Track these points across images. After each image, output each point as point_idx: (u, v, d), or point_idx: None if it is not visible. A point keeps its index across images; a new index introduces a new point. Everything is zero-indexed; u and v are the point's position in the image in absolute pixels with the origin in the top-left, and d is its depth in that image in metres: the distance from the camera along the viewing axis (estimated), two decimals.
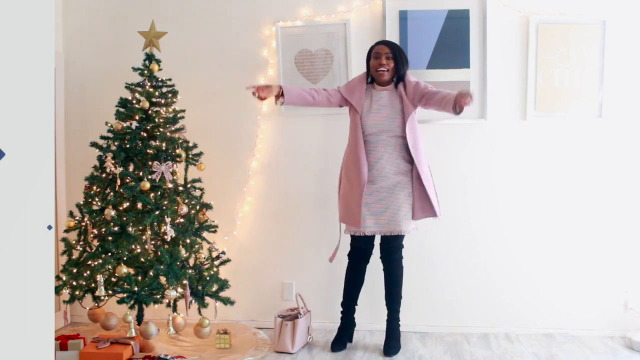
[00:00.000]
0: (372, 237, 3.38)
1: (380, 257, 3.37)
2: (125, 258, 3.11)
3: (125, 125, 3.25)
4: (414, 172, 3.25)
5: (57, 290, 3.13)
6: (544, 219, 3.64)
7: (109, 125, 3.29)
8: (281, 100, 3.24)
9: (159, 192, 3.21)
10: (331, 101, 3.34)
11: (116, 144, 3.23)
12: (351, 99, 3.30)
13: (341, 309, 3.47)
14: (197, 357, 3.24)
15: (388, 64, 3.26)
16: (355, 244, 3.39)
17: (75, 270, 3.16)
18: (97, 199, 3.23)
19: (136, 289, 3.02)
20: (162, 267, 3.06)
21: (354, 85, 3.36)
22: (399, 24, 3.63)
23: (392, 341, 3.35)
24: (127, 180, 3.15)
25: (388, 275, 3.36)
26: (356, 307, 3.47)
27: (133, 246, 3.13)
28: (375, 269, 3.43)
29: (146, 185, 3.13)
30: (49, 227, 2.10)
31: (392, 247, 3.33)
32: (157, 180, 3.18)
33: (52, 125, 2.17)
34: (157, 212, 3.13)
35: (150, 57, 3.35)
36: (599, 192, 3.61)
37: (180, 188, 3.33)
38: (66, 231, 3.27)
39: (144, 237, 3.19)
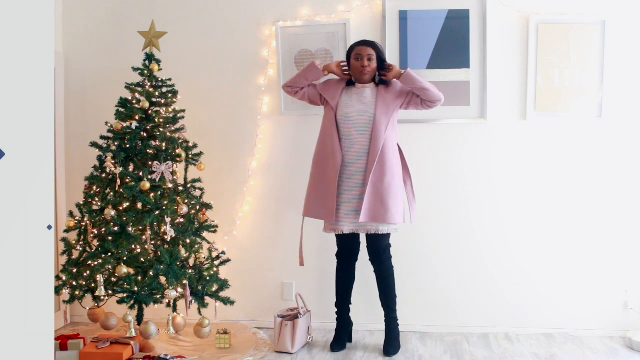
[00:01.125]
0: (358, 236, 3.38)
1: (369, 259, 3.37)
2: (125, 258, 3.11)
3: (125, 125, 3.25)
4: (372, 170, 3.19)
5: (57, 290, 3.13)
6: (544, 219, 3.64)
7: (109, 125, 3.29)
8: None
9: (159, 192, 3.21)
10: (304, 97, 3.37)
11: (116, 144, 3.23)
12: (325, 93, 3.32)
13: (335, 310, 3.47)
14: (197, 357, 3.24)
15: (370, 65, 3.25)
16: (341, 244, 3.40)
17: (75, 270, 3.16)
18: (97, 199, 3.23)
19: (136, 289, 3.02)
20: (162, 267, 3.06)
21: (331, 83, 3.37)
22: (399, 24, 3.64)
23: (392, 341, 3.35)
24: (127, 180, 3.15)
25: (379, 276, 3.35)
26: (350, 306, 3.47)
27: (133, 246, 3.13)
28: (371, 268, 3.42)
29: (146, 185, 3.13)
30: (49, 227, 2.10)
31: (379, 248, 3.31)
32: (157, 180, 3.18)
33: (52, 125, 2.17)
34: (157, 212, 3.13)
35: (150, 57, 3.35)
36: (598, 192, 3.61)
37: (180, 188, 3.34)
38: (66, 231, 3.27)
39: (144, 237, 3.19)
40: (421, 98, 3.25)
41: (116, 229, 3.10)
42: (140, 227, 3.16)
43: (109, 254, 3.08)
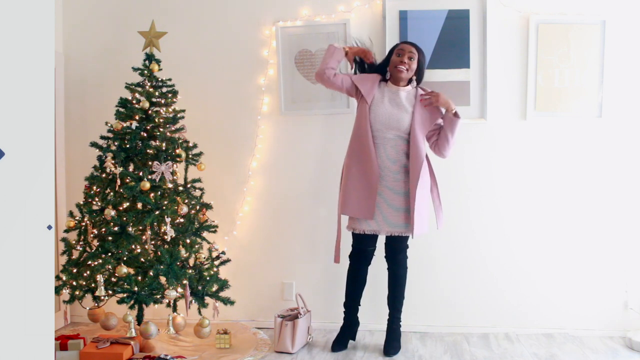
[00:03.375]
0: (375, 239, 3.36)
1: (385, 257, 3.37)
2: (125, 258, 3.11)
3: (125, 125, 3.25)
4: (416, 183, 3.16)
5: (57, 290, 3.13)
6: (544, 219, 3.64)
7: (109, 125, 3.29)
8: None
9: (159, 192, 3.21)
10: (342, 85, 3.28)
11: (116, 144, 3.23)
12: (361, 86, 3.23)
13: (343, 310, 3.46)
14: (197, 357, 3.24)
15: (409, 63, 3.20)
16: (357, 245, 3.37)
17: (75, 270, 3.16)
18: (97, 199, 3.23)
19: (136, 289, 3.02)
20: (162, 267, 3.06)
21: (367, 77, 3.31)
22: (399, 24, 3.63)
23: (393, 341, 3.35)
24: (127, 180, 3.15)
25: (392, 275, 3.36)
26: (359, 307, 3.46)
27: (133, 246, 3.13)
28: (376, 268, 3.42)
29: (146, 185, 3.13)
30: (49, 227, 2.10)
31: (397, 248, 3.33)
32: (157, 180, 3.18)
33: (52, 125, 2.17)
34: (157, 212, 3.13)
35: (150, 57, 3.35)
36: (598, 192, 3.61)
37: (180, 188, 3.33)
38: (66, 231, 3.27)
39: (144, 237, 3.19)
40: (438, 141, 3.23)
41: (116, 229, 3.10)
42: (140, 227, 3.16)
43: (109, 254, 3.08)
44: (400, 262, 3.35)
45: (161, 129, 3.28)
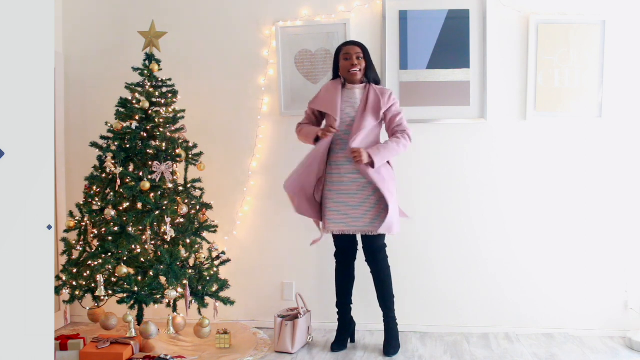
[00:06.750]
0: (353, 236, 3.37)
1: (365, 260, 3.36)
2: (125, 258, 3.11)
3: (125, 125, 3.26)
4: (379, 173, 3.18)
5: (57, 290, 3.13)
6: (544, 219, 3.64)
7: (109, 125, 3.29)
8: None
9: (159, 192, 3.21)
10: (314, 124, 3.41)
11: (116, 144, 3.23)
12: (327, 109, 3.28)
13: (337, 310, 3.47)
14: (197, 357, 3.24)
15: (360, 63, 3.27)
16: (338, 244, 3.40)
17: (75, 270, 3.17)
18: (97, 199, 3.23)
19: (136, 289, 3.02)
20: (162, 267, 3.06)
21: (323, 96, 3.35)
22: (399, 24, 3.64)
23: (392, 341, 3.35)
24: (127, 180, 3.16)
25: (375, 276, 3.35)
26: (351, 305, 3.47)
27: (133, 246, 3.13)
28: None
29: (146, 185, 3.13)
30: (49, 227, 2.10)
31: (374, 248, 3.30)
32: (157, 180, 3.18)
33: (52, 125, 2.17)
34: (157, 212, 3.13)
35: (150, 57, 3.36)
36: (599, 192, 3.61)
37: (180, 188, 3.34)
38: (66, 231, 3.27)
39: (144, 237, 3.19)
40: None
41: (116, 229, 3.10)
42: (140, 227, 3.16)
43: (109, 254, 3.08)
44: (380, 262, 3.31)
45: (161, 129, 3.28)
